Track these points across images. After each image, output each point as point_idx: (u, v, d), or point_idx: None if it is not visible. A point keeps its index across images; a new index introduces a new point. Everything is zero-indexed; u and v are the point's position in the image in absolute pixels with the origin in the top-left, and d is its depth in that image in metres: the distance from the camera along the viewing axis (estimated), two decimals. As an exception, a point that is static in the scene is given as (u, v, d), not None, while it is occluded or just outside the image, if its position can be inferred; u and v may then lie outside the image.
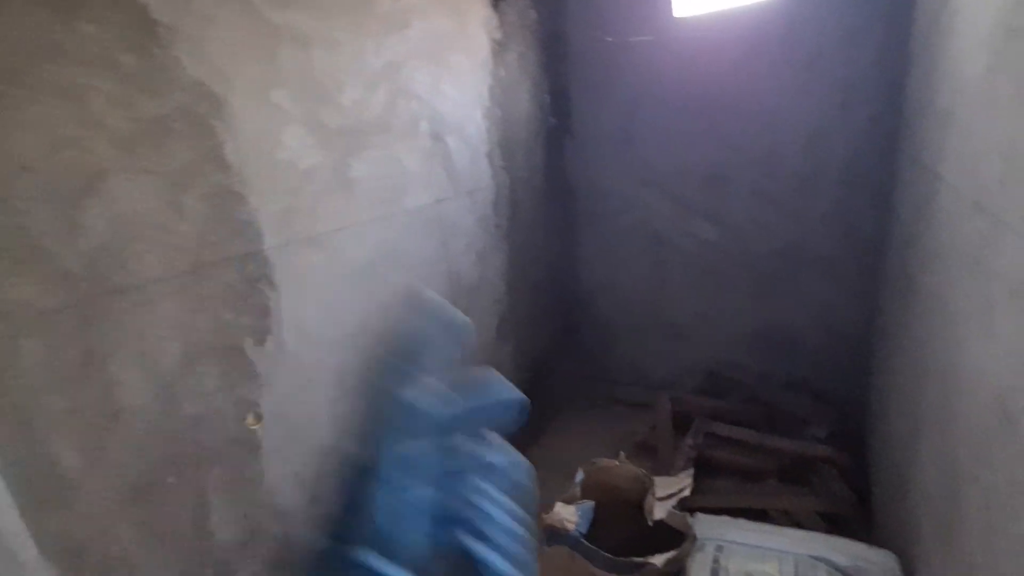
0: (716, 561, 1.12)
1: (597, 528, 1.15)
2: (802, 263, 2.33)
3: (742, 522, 1.24)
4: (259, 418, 1.19)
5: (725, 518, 1.20)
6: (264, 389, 1.20)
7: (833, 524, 1.61)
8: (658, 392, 2.55)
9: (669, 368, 2.73)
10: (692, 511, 1.22)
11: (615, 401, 2.81)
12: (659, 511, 1.19)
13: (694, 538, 1.12)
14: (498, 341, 2.13)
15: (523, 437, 2.55)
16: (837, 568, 1.06)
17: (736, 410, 2.30)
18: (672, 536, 1.18)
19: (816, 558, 1.09)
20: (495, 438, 0.47)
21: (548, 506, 1.19)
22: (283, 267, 1.22)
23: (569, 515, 1.14)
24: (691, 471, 1.29)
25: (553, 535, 1.15)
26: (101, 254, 0.91)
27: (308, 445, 1.32)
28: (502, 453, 0.48)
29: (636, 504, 1.33)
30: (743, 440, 2.11)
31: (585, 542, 1.11)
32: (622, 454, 1.36)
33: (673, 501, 1.20)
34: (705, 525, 1.18)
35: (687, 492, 1.21)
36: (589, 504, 1.19)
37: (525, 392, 0.61)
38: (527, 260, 2.29)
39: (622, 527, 1.23)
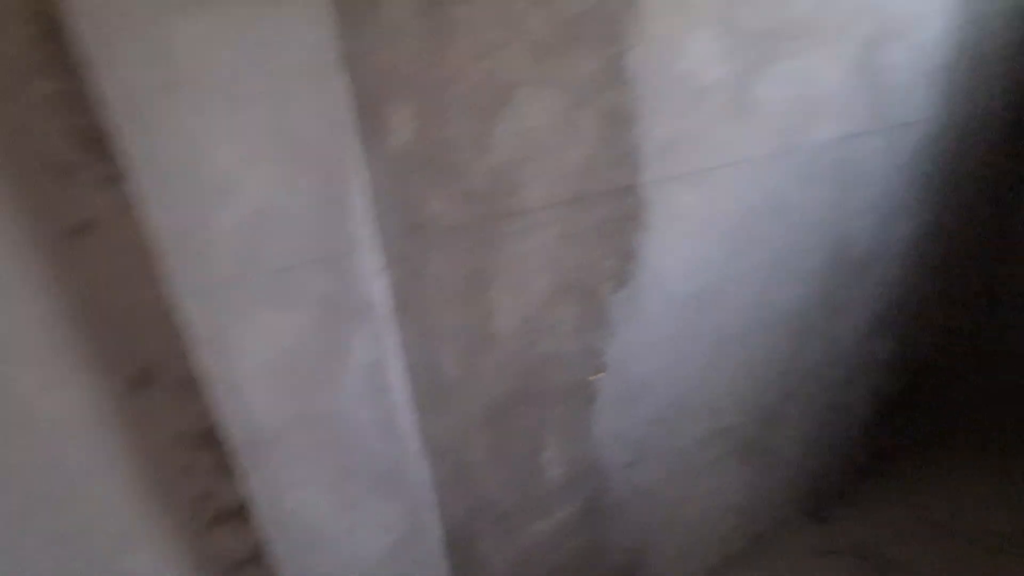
0: None
1: None
2: None
3: None
4: (601, 369, 1.09)
5: None
6: (612, 339, 1.08)
7: None
8: None
9: None
10: None
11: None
12: None
13: None
14: (870, 338, 1.59)
15: (869, 463, 1.76)
16: None
17: None
18: None
19: None
20: None
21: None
22: (656, 206, 1.03)
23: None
24: None
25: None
26: (500, 174, 0.86)
27: (639, 408, 1.19)
28: None
29: None
30: None
31: None
32: None
33: None
34: None
35: None
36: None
37: (898, 402, 0.29)
38: (951, 230, 1.60)
39: None
